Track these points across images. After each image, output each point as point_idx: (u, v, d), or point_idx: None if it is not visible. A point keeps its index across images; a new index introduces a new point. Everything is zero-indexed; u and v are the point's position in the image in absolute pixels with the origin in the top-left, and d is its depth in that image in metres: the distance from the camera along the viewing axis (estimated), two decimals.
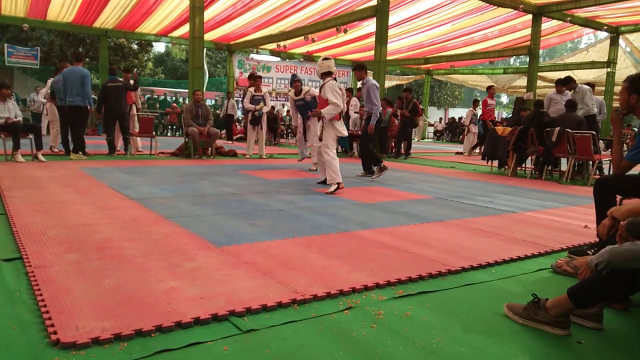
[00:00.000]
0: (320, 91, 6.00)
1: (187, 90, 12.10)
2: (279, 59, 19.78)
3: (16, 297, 2.19)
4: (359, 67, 7.27)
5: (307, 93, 7.91)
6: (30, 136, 7.71)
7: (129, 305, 2.11)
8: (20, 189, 4.99)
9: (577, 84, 8.75)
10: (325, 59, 6.07)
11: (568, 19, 13.93)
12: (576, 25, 15.20)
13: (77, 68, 8.43)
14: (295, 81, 8.10)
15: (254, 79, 10.05)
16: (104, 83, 9.10)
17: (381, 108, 7.58)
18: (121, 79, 9.32)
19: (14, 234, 3.26)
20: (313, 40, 16.61)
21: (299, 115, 8.20)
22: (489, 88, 13.03)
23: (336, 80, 6.03)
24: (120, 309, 2.05)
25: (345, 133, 6.05)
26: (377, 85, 7.39)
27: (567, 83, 8.76)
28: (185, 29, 14.99)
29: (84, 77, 8.36)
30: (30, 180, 5.60)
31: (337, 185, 5.64)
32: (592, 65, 17.69)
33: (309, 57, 19.97)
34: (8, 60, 16.65)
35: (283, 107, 21.25)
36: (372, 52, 12.34)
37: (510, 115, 9.87)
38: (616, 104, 19.07)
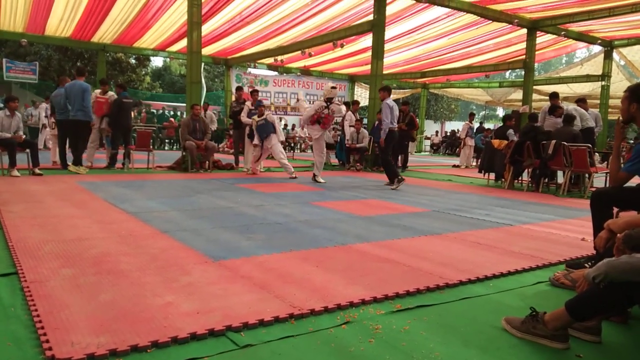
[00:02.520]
0: (327, 109, 8.11)
1: (184, 105, 12.13)
2: (276, 73, 19.89)
3: (11, 313, 2.17)
4: (383, 89, 8.47)
5: (268, 115, 9.19)
6: (27, 151, 7.70)
7: (124, 320, 2.09)
8: (17, 203, 4.98)
9: (563, 109, 8.69)
10: (333, 87, 8.22)
11: (562, 33, 14.07)
12: (571, 40, 15.36)
13: (79, 82, 8.47)
14: (260, 106, 9.33)
15: (251, 94, 10.18)
16: (119, 98, 9.18)
17: (394, 124, 8.31)
18: (131, 97, 9.50)
19: (9, 248, 3.24)
20: (310, 55, 16.72)
21: (257, 134, 9.08)
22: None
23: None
24: (116, 324, 2.04)
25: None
26: (391, 104, 8.24)
27: (555, 109, 8.73)
28: (183, 43, 15.06)
29: (84, 91, 8.40)
30: (27, 195, 5.59)
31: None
32: (587, 78, 17.84)
33: (306, 71, 20.08)
34: (6, 75, 16.67)
35: (281, 120, 21.31)
36: (368, 67, 12.42)
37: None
38: (611, 117, 19.23)
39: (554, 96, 9.07)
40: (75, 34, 15.15)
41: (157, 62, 37.66)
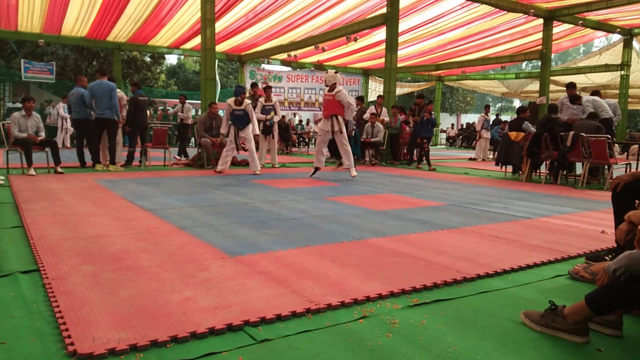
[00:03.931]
0: (332, 97, 7.80)
1: (199, 102, 12.20)
2: (289, 68, 19.90)
3: (34, 309, 2.21)
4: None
5: (247, 105, 8.52)
6: (47, 149, 7.83)
7: (144, 315, 2.12)
8: (37, 201, 5.07)
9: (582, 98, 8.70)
10: (336, 72, 7.70)
11: (580, 22, 13.83)
12: (588, 29, 15.09)
13: (104, 82, 8.58)
14: (242, 93, 8.56)
15: (265, 90, 10.20)
16: (135, 97, 9.29)
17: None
18: (146, 94, 9.58)
19: (31, 246, 3.30)
20: (323, 50, 16.68)
21: (231, 124, 8.55)
22: None
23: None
24: (135, 320, 2.07)
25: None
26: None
27: (577, 98, 8.73)
28: (197, 40, 15.15)
29: (111, 90, 8.52)
30: (47, 193, 5.68)
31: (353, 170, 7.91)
32: (606, 68, 17.51)
33: (319, 66, 20.05)
34: (25, 75, 16.93)
35: (294, 116, 21.32)
36: (382, 60, 12.35)
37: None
38: (630, 107, 18.86)
39: (571, 86, 8.94)
40: (90, 34, 15.32)
41: (171, 59, 37.97)
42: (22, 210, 4.54)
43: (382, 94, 12.19)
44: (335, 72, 8.08)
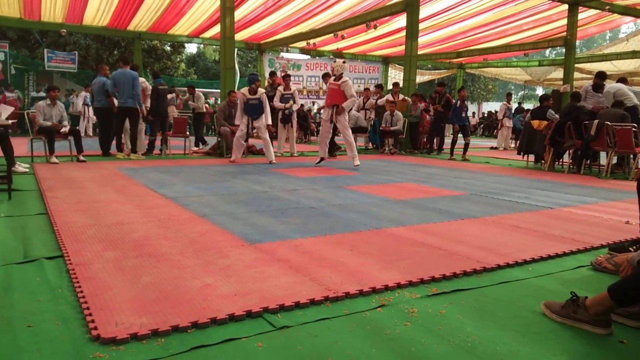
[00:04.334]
0: (338, 86, 7.85)
1: (219, 91, 12.25)
2: (308, 57, 19.81)
3: (58, 294, 2.27)
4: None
5: (262, 94, 8.41)
6: (70, 138, 7.96)
7: (165, 301, 2.15)
8: (61, 189, 5.17)
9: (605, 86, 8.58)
10: (344, 61, 7.78)
11: (607, 7, 13.43)
12: (615, 14, 14.66)
13: (127, 71, 8.65)
14: (256, 80, 8.45)
15: (284, 78, 10.19)
16: (155, 86, 9.37)
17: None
18: (165, 83, 9.66)
19: (55, 232, 3.37)
20: (343, 37, 16.55)
21: (245, 115, 8.39)
22: None
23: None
24: (157, 306, 2.10)
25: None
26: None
27: (600, 87, 8.61)
28: (216, 29, 15.16)
29: (134, 79, 8.60)
30: (70, 181, 5.78)
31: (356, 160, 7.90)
32: (633, 55, 17.01)
33: (338, 54, 19.92)
34: (48, 65, 17.20)
35: (313, 104, 21.28)
36: (402, 47, 12.22)
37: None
38: None
39: (601, 76, 8.74)
40: (111, 23, 15.44)
41: (191, 48, 38.11)
42: (47, 197, 4.63)
43: (397, 81, 12.09)
44: (344, 62, 8.11)
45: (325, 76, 8.05)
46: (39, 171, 6.54)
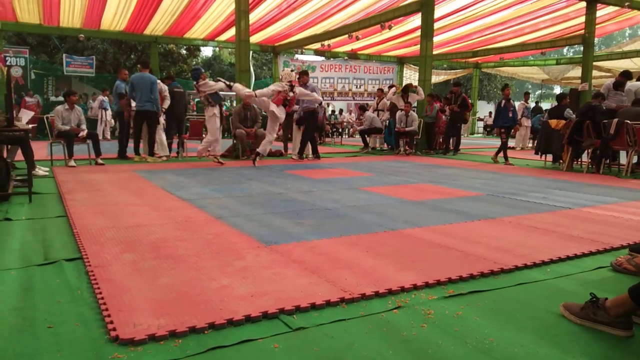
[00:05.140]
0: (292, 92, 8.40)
1: (233, 93, 12.31)
2: (323, 58, 19.83)
3: (77, 295, 2.30)
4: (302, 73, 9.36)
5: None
6: (89, 142, 8.08)
7: (183, 303, 2.17)
8: (80, 192, 5.24)
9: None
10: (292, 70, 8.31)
11: (626, 4, 13.20)
12: (635, 11, 14.40)
13: (146, 74, 8.73)
14: (201, 74, 8.47)
15: (300, 76, 10.20)
16: (170, 89, 9.45)
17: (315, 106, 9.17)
18: (181, 86, 9.75)
19: (74, 235, 3.42)
20: (357, 38, 16.53)
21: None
22: None
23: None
24: (174, 307, 2.12)
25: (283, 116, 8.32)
26: (312, 86, 9.25)
27: (620, 85, 8.50)
28: (231, 32, 15.27)
29: (152, 83, 8.66)
30: (89, 184, 5.87)
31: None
32: None
33: (353, 55, 19.91)
34: (66, 69, 17.49)
35: (328, 106, 21.28)
36: (417, 47, 12.16)
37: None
38: None
39: (627, 75, 8.61)
40: (128, 27, 15.65)
41: (207, 52, 38.32)
42: (66, 200, 4.71)
43: (410, 82, 12.06)
44: (291, 70, 8.64)
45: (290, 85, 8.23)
46: (59, 174, 6.65)
